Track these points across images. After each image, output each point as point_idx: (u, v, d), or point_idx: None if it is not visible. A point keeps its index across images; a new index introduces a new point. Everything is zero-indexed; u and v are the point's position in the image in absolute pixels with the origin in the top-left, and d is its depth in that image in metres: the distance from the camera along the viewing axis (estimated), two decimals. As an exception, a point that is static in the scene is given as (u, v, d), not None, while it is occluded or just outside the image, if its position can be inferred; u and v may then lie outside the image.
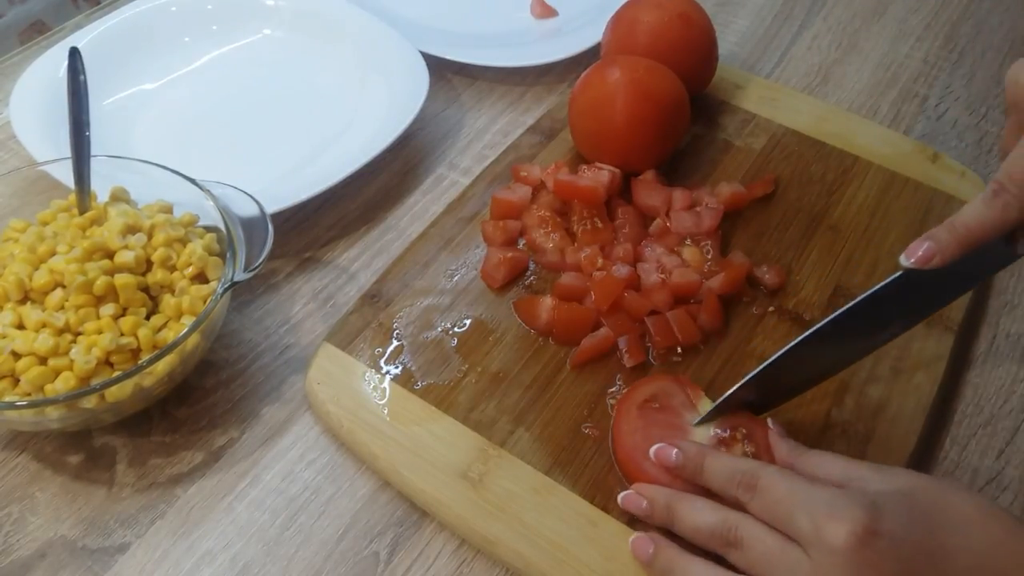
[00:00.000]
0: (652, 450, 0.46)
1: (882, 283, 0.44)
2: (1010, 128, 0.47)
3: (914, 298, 0.47)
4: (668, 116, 0.61)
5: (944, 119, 0.75)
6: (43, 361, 0.46)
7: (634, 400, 0.49)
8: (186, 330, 0.47)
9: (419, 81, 0.69)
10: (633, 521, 0.46)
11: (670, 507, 0.44)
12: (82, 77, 0.57)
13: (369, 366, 0.53)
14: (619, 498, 0.46)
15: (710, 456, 0.45)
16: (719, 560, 0.42)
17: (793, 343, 0.45)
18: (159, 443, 0.51)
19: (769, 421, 0.48)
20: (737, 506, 0.43)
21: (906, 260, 0.43)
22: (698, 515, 0.43)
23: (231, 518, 0.48)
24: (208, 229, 0.54)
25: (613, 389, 0.52)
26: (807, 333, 0.45)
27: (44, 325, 0.47)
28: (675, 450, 0.45)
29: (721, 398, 0.48)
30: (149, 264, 0.50)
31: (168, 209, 0.54)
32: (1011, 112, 0.46)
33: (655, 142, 0.62)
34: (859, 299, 0.44)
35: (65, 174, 0.54)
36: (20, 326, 0.47)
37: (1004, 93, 0.47)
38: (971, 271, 0.46)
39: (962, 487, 0.41)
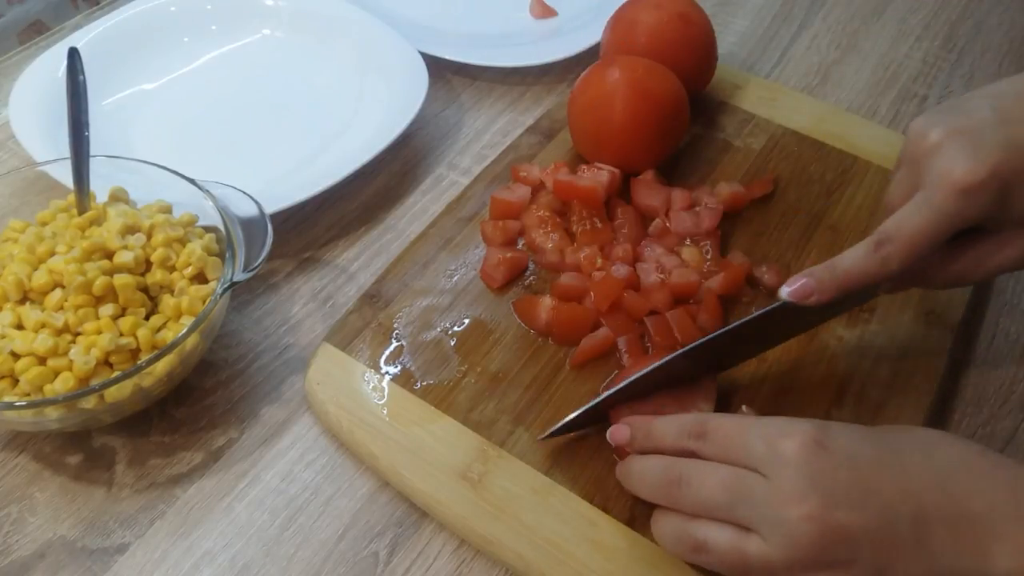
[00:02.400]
0: (608, 433, 0.46)
1: (760, 311, 0.47)
2: (899, 182, 0.47)
3: (787, 320, 0.49)
4: (667, 116, 0.61)
5: (943, 119, 0.75)
6: (42, 361, 0.46)
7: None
8: (185, 330, 0.47)
9: (418, 81, 0.69)
10: (632, 520, 0.46)
11: (627, 465, 0.45)
12: (81, 77, 0.57)
13: (368, 366, 0.53)
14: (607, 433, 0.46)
15: (656, 420, 0.44)
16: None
17: (658, 363, 0.47)
18: (158, 443, 0.51)
19: (744, 407, 0.49)
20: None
21: (785, 292, 0.46)
22: (649, 463, 0.43)
23: (230, 518, 0.48)
24: (207, 229, 0.54)
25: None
26: (665, 359, 0.47)
27: (43, 325, 0.47)
28: (625, 427, 0.46)
29: (564, 420, 0.48)
30: (148, 264, 0.50)
31: (167, 209, 0.54)
32: (903, 166, 0.47)
33: (654, 142, 0.62)
34: (736, 324, 0.47)
35: (64, 174, 0.54)
36: (19, 326, 0.47)
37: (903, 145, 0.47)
38: (836, 305, 0.48)
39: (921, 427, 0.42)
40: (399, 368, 0.53)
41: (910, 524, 0.37)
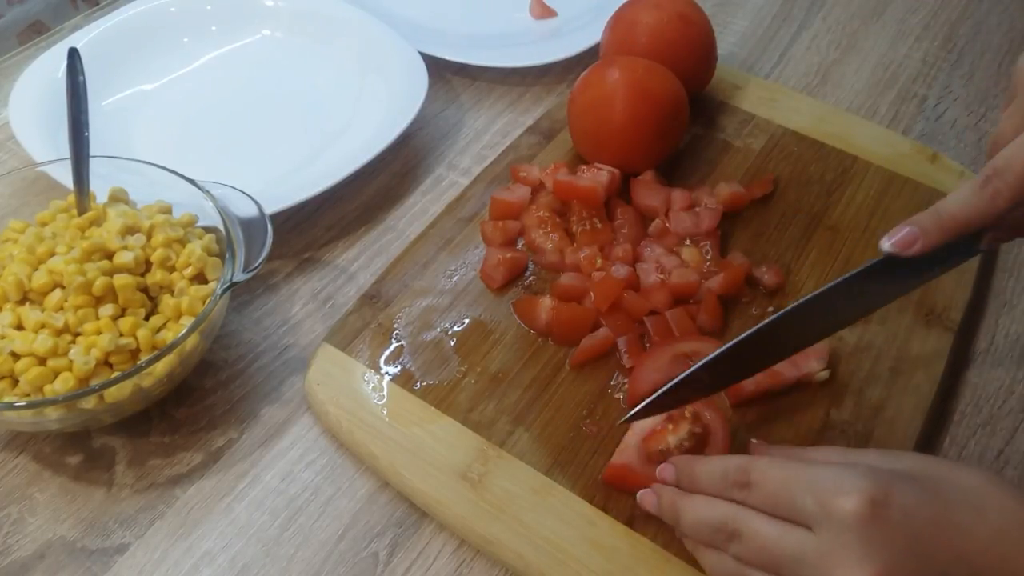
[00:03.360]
0: (638, 497, 0.45)
1: (858, 268, 0.43)
2: (1009, 116, 0.46)
3: (871, 289, 0.46)
4: (667, 116, 0.61)
5: (943, 119, 0.75)
6: (42, 362, 0.46)
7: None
8: (185, 331, 0.47)
9: (418, 81, 0.69)
10: (632, 521, 0.46)
11: (674, 504, 0.43)
12: (81, 78, 0.57)
13: (368, 366, 0.53)
14: (638, 496, 0.45)
15: (698, 462, 0.43)
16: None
17: (743, 336, 0.44)
18: (158, 444, 0.51)
19: (753, 440, 0.47)
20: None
21: (887, 243, 0.43)
22: (698, 511, 0.42)
23: (230, 519, 0.48)
24: (207, 230, 0.54)
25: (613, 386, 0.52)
26: (760, 325, 0.44)
27: (43, 326, 0.47)
28: (671, 467, 0.44)
29: (657, 393, 0.45)
30: (148, 265, 0.50)
31: (167, 210, 0.54)
32: (1014, 100, 0.45)
33: (654, 142, 0.62)
34: (828, 286, 0.44)
35: (64, 175, 0.54)
36: (19, 327, 0.47)
37: (1008, 86, 0.46)
38: (933, 266, 0.45)
39: (970, 465, 0.40)
40: (399, 368, 0.53)
41: None
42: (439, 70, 0.76)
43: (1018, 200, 0.42)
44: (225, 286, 0.49)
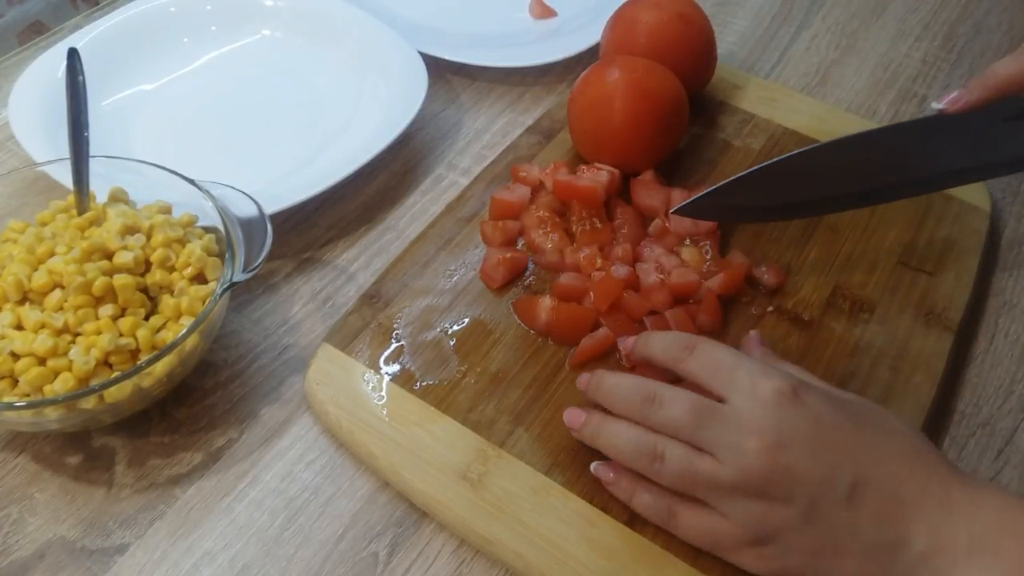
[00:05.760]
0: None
1: (912, 119, 0.50)
2: None
3: (925, 155, 0.53)
4: (667, 116, 0.61)
5: (943, 119, 0.75)
6: (42, 362, 0.46)
7: None
8: (185, 331, 0.47)
9: (418, 81, 0.69)
10: (632, 521, 0.46)
11: (598, 426, 0.47)
12: (81, 78, 0.57)
13: (368, 366, 0.53)
14: (564, 414, 0.48)
15: (653, 332, 0.48)
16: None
17: (792, 154, 0.50)
18: (158, 444, 0.51)
19: (752, 332, 0.52)
20: (675, 378, 0.46)
21: (937, 103, 0.50)
22: (620, 433, 0.45)
23: (230, 519, 0.48)
24: (207, 230, 0.54)
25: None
26: (813, 146, 0.50)
27: (43, 326, 0.47)
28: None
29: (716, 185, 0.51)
30: (148, 265, 0.50)
31: (167, 210, 0.54)
32: None
33: (654, 142, 0.62)
34: (882, 127, 0.51)
35: (64, 175, 0.54)
36: (19, 327, 0.47)
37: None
38: (983, 160, 0.53)
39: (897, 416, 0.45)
40: (399, 368, 0.53)
41: (848, 486, 0.40)
42: (439, 70, 0.76)
43: None
44: (225, 286, 0.49)
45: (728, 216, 0.56)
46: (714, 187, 0.52)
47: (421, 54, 0.72)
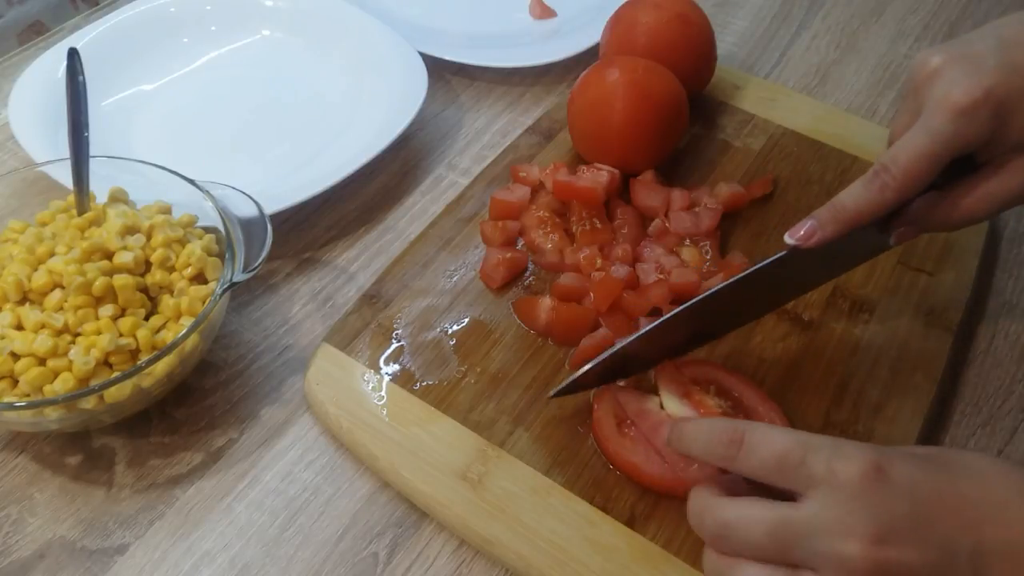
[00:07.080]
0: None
1: (766, 260, 0.47)
2: (901, 113, 0.48)
3: (794, 275, 0.50)
4: (667, 117, 0.61)
5: (943, 119, 0.75)
6: (42, 362, 0.46)
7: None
8: (185, 331, 0.47)
9: (418, 82, 0.69)
10: (632, 521, 0.46)
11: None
12: (81, 78, 0.57)
13: (368, 367, 0.53)
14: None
15: (686, 423, 0.42)
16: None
17: (661, 320, 0.48)
18: (158, 444, 0.51)
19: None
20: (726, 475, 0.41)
21: (790, 238, 0.46)
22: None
23: (230, 519, 0.48)
24: (207, 230, 0.54)
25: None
26: (671, 314, 0.48)
27: (43, 326, 0.47)
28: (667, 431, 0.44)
29: (579, 371, 0.49)
30: (148, 265, 0.50)
31: (167, 210, 0.54)
32: (907, 98, 0.47)
33: (654, 142, 0.62)
34: (740, 275, 0.47)
35: (64, 175, 0.54)
36: (19, 327, 0.47)
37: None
38: (847, 257, 0.50)
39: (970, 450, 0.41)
40: (399, 368, 0.53)
41: (968, 557, 0.35)
42: (439, 70, 0.76)
43: (905, 194, 0.44)
44: (225, 286, 0.49)
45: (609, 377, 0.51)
46: (591, 364, 0.48)
47: (421, 54, 0.72)
